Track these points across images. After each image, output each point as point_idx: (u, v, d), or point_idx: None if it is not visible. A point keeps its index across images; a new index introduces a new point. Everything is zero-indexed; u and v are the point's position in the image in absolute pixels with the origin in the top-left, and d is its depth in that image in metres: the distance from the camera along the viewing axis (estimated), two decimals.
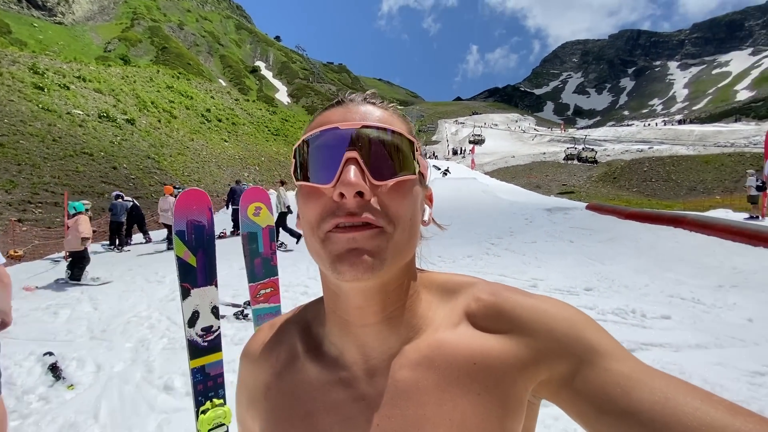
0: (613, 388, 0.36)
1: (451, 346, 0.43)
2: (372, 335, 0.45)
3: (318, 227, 0.40)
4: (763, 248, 7.13)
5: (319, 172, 0.41)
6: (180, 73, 40.27)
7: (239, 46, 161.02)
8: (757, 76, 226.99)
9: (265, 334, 0.54)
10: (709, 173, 41.92)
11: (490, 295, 0.45)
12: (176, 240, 1.16)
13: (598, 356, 0.38)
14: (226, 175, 22.44)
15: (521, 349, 0.41)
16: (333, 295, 0.45)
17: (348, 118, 0.42)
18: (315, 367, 0.47)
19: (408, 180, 0.41)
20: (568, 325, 0.41)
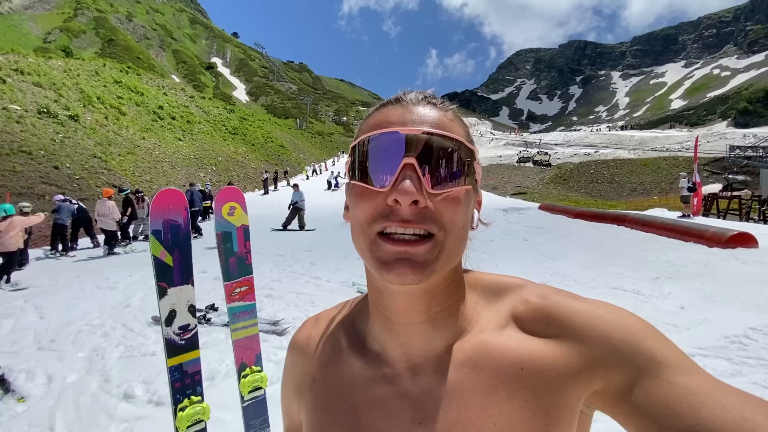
0: (678, 402, 0.33)
1: (497, 348, 0.42)
2: (415, 334, 0.45)
3: (369, 227, 0.40)
4: (693, 243, 7.92)
5: (375, 174, 0.40)
6: (129, 67, 37.86)
7: (194, 41, 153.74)
8: (689, 86, 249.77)
9: (310, 327, 0.56)
10: (648, 175, 45.59)
11: (539, 297, 0.44)
12: (152, 239, 1.17)
13: (661, 367, 0.36)
14: (181, 175, 21.41)
15: (573, 356, 0.39)
16: (377, 292, 0.46)
17: (407, 119, 0.41)
18: (359, 361, 0.48)
19: (464, 189, 0.41)
20: (625, 333, 0.38)
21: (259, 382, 1.43)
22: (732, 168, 28.48)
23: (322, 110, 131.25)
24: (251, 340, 1.45)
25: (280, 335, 3.96)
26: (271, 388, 2.99)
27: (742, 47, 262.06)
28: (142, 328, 4.21)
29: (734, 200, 18.65)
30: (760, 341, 3.51)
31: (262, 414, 1.45)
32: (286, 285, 5.90)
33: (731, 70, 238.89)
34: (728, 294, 4.91)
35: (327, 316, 0.56)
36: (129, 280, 6.33)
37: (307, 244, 9.45)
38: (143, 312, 4.69)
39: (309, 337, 0.54)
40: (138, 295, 5.41)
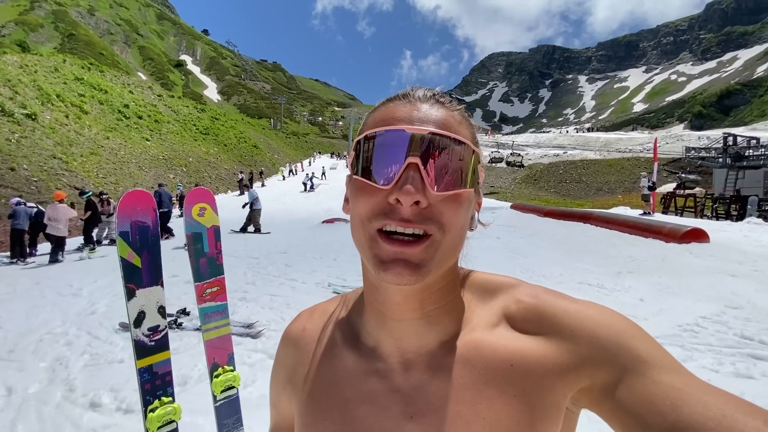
0: (661, 400, 0.34)
1: (489, 346, 0.43)
2: (409, 330, 0.45)
3: (369, 223, 0.40)
4: (653, 239, 8.38)
5: (378, 170, 0.40)
6: (91, 63, 36.13)
7: (161, 37, 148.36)
8: (649, 90, 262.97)
9: (305, 319, 0.56)
10: (613, 175, 47.70)
11: (531, 297, 0.45)
12: (120, 241, 1.17)
13: (646, 366, 0.37)
14: (149, 177, 20.66)
15: (562, 354, 0.40)
16: (372, 287, 0.46)
17: (414, 118, 0.41)
18: (352, 355, 0.48)
19: (466, 192, 0.42)
20: (613, 332, 0.39)
21: (231, 381, 1.44)
22: (687, 168, 30.23)
23: (297, 110, 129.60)
24: (223, 340, 1.46)
25: (255, 338, 3.92)
26: (246, 390, 3.00)
27: (696, 54, 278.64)
28: (109, 335, 4.07)
29: (690, 198, 19.82)
30: (709, 328, 3.78)
31: (235, 413, 1.46)
32: (260, 287, 5.83)
33: (687, 76, 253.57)
34: (682, 286, 5.24)
35: (322, 309, 0.56)
36: (94, 286, 6.07)
37: (282, 246, 9.35)
38: (109, 319, 4.52)
39: (304, 330, 0.55)
40: (104, 302, 5.21)
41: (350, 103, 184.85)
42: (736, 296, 4.68)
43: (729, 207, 17.86)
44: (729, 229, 10.08)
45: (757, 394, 2.68)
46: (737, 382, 2.85)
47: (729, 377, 2.93)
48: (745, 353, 3.26)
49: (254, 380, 3.11)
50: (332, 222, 12.90)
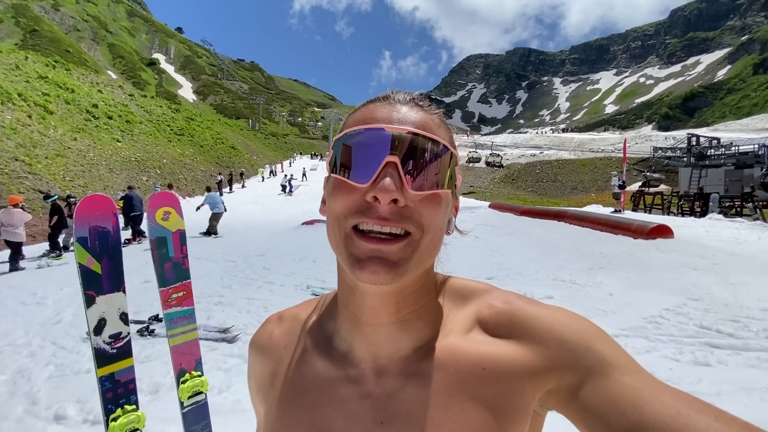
0: (623, 400, 0.35)
1: (462, 351, 0.43)
2: (384, 335, 0.45)
3: (345, 220, 0.40)
4: (622, 236, 8.70)
5: (356, 169, 0.40)
6: (56, 61, 34.56)
7: (132, 35, 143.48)
8: (620, 93, 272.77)
9: (273, 325, 0.55)
10: (587, 174, 49.25)
11: (503, 303, 0.45)
12: (78, 246, 1.14)
13: (609, 368, 0.38)
14: (121, 179, 19.94)
15: (532, 357, 0.41)
16: (348, 290, 0.46)
17: (394, 118, 0.41)
18: (323, 361, 0.48)
19: (444, 192, 0.42)
20: (580, 336, 0.40)
21: (199, 387, 1.42)
22: (653, 167, 31.53)
23: (276, 111, 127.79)
24: (190, 345, 1.44)
25: (231, 342, 3.86)
26: (221, 396, 2.95)
27: (663, 58, 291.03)
28: (75, 345, 3.91)
29: (657, 196, 20.69)
30: (672, 320, 3.97)
31: (203, 419, 1.44)
32: (237, 291, 5.73)
33: (654, 79, 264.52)
34: (648, 280, 5.48)
35: (291, 314, 0.55)
36: (59, 294, 5.82)
37: (260, 249, 9.21)
38: (76, 327, 4.35)
39: (271, 335, 0.54)
40: (70, 310, 5.00)
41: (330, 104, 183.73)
42: (696, 288, 4.93)
43: (693, 204, 18.75)
44: (692, 225, 10.59)
45: (714, 380, 2.84)
46: (696, 370, 3.01)
47: (689, 365, 3.09)
48: (703, 342, 3.44)
49: (229, 386, 3.06)
50: (312, 223, 12.81)
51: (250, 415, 2.15)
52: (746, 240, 8.40)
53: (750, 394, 2.65)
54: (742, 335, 3.53)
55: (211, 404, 1.56)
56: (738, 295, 4.61)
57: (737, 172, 21.14)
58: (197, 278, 6.30)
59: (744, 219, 12.10)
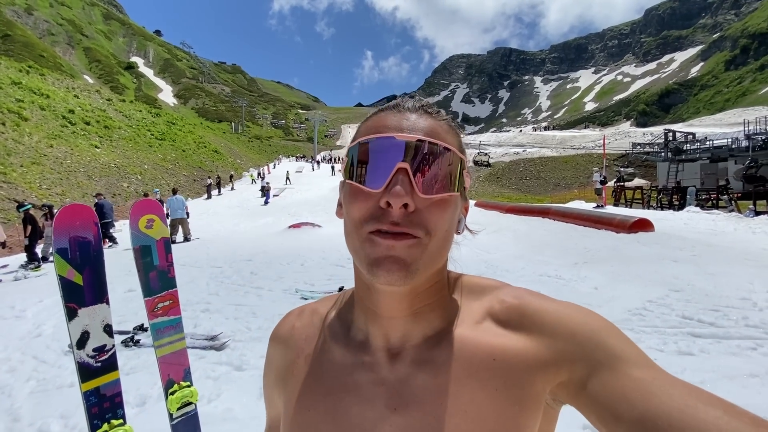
0: (632, 393, 0.36)
1: (472, 341, 0.45)
2: (398, 326, 0.47)
3: (361, 227, 0.42)
4: (605, 231, 8.90)
5: (369, 175, 0.43)
6: (30, 66, 33.44)
7: (109, 38, 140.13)
8: (598, 90, 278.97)
9: (293, 318, 0.58)
10: (569, 171, 50.16)
11: (514, 298, 0.47)
12: (57, 258, 1.11)
13: (619, 362, 0.39)
14: (100, 186, 19.40)
15: (542, 350, 0.42)
16: (365, 287, 0.48)
17: (404, 126, 0.44)
18: (340, 349, 0.50)
19: (451, 196, 0.44)
20: (590, 330, 0.41)
21: (188, 398, 1.39)
22: (627, 163, 32.33)
23: (259, 113, 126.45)
24: (178, 356, 1.41)
25: (219, 350, 3.79)
26: (210, 405, 2.90)
27: (639, 56, 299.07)
28: (57, 359, 3.79)
29: (637, 191, 21.22)
30: (655, 311, 4.07)
31: (193, 430, 1.41)
32: (224, 297, 5.64)
33: (631, 77, 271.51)
34: (632, 273, 5.61)
35: (311, 308, 0.58)
36: (39, 306, 5.63)
37: (247, 254, 9.09)
38: (57, 341, 4.21)
39: (293, 328, 0.56)
40: (50, 323, 4.84)
41: (314, 106, 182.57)
42: (677, 280, 5.07)
43: (671, 198, 19.29)
44: (671, 218, 10.90)
45: (697, 368, 2.92)
46: (680, 359, 3.09)
47: (673, 355, 3.18)
48: (686, 332, 3.54)
49: (219, 394, 3.01)
50: (299, 227, 12.70)
51: (241, 423, 2.12)
52: (723, 231, 8.69)
53: (732, 381, 2.74)
54: (722, 324, 3.65)
55: (201, 414, 1.53)
56: (717, 285, 4.76)
57: (712, 166, 21.87)
58: (182, 285, 6.15)
59: (720, 211, 12.51)
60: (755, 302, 4.12)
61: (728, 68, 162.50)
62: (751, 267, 5.45)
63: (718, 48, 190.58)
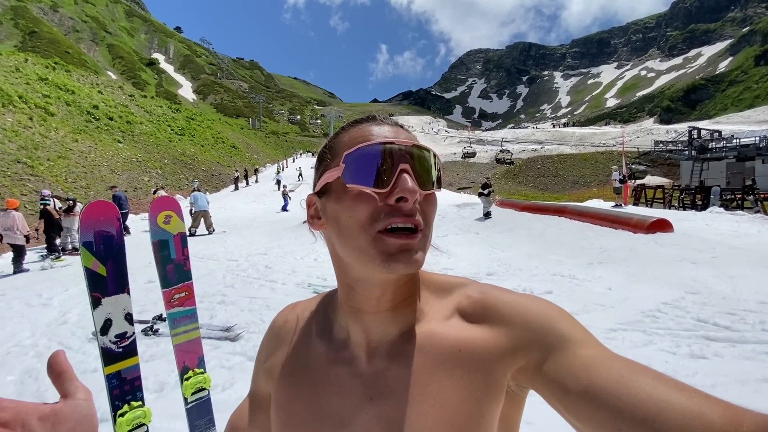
0: (578, 369, 0.41)
1: (441, 335, 0.49)
2: (377, 321, 0.52)
3: (370, 226, 0.46)
4: (622, 230, 8.72)
5: (372, 178, 0.46)
6: (56, 62, 34.58)
7: (131, 35, 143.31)
8: (621, 86, 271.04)
9: (288, 311, 0.65)
10: (588, 169, 49.05)
11: (479, 293, 0.51)
12: (83, 251, 1.19)
13: (568, 343, 0.43)
14: (122, 180, 20.02)
15: (501, 339, 0.46)
16: (348, 288, 0.52)
17: (391, 135, 0.49)
18: (324, 345, 0.56)
19: (437, 191, 0.51)
20: (543, 318, 0.46)
21: (202, 384, 1.46)
22: (656, 161, 31.35)
23: (276, 109, 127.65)
24: (193, 344, 1.49)
25: (234, 341, 3.92)
26: (224, 393, 3.01)
27: (664, 51, 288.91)
28: (82, 345, 3.98)
29: (659, 190, 20.63)
30: (669, 314, 4.00)
31: (206, 414, 1.49)
32: (239, 290, 5.79)
33: (656, 72, 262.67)
34: (648, 274, 5.51)
35: (304, 304, 0.64)
36: (65, 295, 5.90)
37: (262, 248, 9.28)
38: (82, 328, 4.42)
39: (286, 321, 0.63)
40: (76, 311, 5.07)
41: (330, 101, 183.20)
42: (695, 282, 4.96)
43: (694, 197, 18.70)
44: (693, 219, 10.59)
45: (709, 372, 2.88)
46: (692, 362, 3.05)
47: (685, 358, 3.13)
48: (700, 335, 3.48)
49: (232, 383, 3.12)
50: None
51: None
52: (746, 233, 8.41)
53: (744, 386, 2.69)
54: (738, 328, 3.57)
55: (215, 401, 1.61)
56: (736, 288, 4.64)
57: (739, 165, 21.06)
58: (200, 278, 6.36)
59: (745, 212, 12.09)
60: None
61: (758, 63, 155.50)
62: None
63: (747, 42, 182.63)
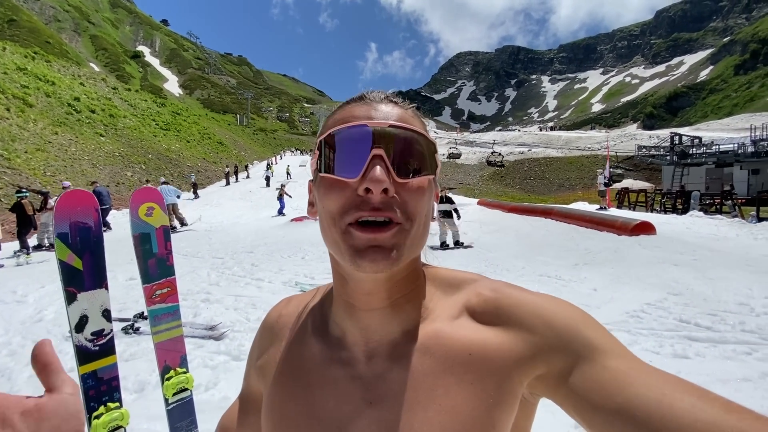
0: (609, 383, 0.36)
1: (449, 336, 0.44)
2: (375, 320, 0.47)
3: (340, 218, 0.42)
4: (607, 232, 8.88)
5: (344, 165, 0.42)
6: (36, 52, 33.49)
7: (116, 26, 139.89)
8: (606, 92, 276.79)
9: (282, 307, 0.60)
10: (573, 172, 49.94)
11: (490, 291, 0.46)
12: (58, 243, 1.12)
13: (596, 353, 0.39)
14: (104, 174, 19.50)
15: (518, 343, 0.42)
16: (342, 280, 0.48)
17: (373, 115, 0.44)
18: (319, 344, 0.51)
19: (426, 179, 0.44)
20: (566, 322, 0.41)
21: (184, 384, 1.40)
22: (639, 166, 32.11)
23: (265, 106, 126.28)
24: (175, 342, 1.42)
25: (218, 340, 3.83)
26: (208, 393, 2.94)
27: (648, 58, 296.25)
28: (58, 343, 3.83)
29: (642, 194, 21.12)
30: (652, 314, 4.08)
31: (189, 415, 1.43)
32: (225, 288, 5.68)
33: (640, 78, 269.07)
34: (631, 275, 5.61)
35: (299, 299, 0.59)
36: (41, 292, 5.69)
37: (248, 246, 9.14)
38: (58, 326, 4.26)
39: (280, 316, 0.58)
40: (52, 308, 4.90)
41: (319, 99, 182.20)
42: (677, 283, 5.07)
43: (675, 201, 19.19)
44: (674, 222, 10.86)
45: (692, 371, 2.93)
46: (674, 362, 3.10)
47: (668, 358, 3.18)
48: (682, 335, 3.54)
49: (216, 383, 3.04)
50: (301, 220, 12.73)
51: None
52: (725, 236, 8.66)
53: (725, 385, 2.75)
54: (719, 328, 3.65)
55: (198, 401, 1.55)
56: (716, 290, 4.75)
57: (717, 171, 21.72)
58: (184, 275, 6.22)
59: (723, 216, 12.45)
60: (753, 308, 4.11)
61: (737, 73, 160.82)
62: (751, 273, 5.43)
63: (728, 52, 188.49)
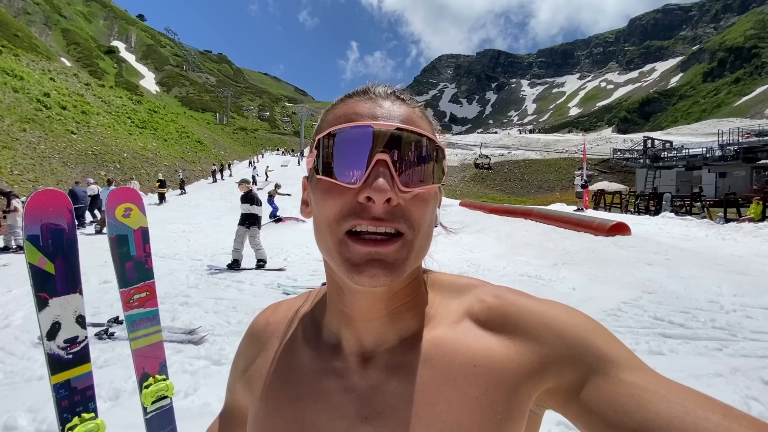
0: (627, 399, 0.34)
1: (450, 344, 0.42)
2: (372, 329, 0.44)
3: (337, 225, 0.39)
4: (584, 233, 9.10)
5: (344, 169, 0.39)
6: (3, 46, 31.94)
7: (89, 20, 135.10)
8: (583, 96, 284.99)
9: (269, 313, 0.56)
10: (552, 174, 51.16)
11: (494, 297, 0.44)
12: (28, 245, 1.07)
13: (610, 366, 0.36)
14: (76, 173, 18.76)
15: (526, 355, 0.39)
16: (337, 288, 0.45)
17: (378, 114, 0.40)
18: (310, 353, 0.47)
19: (433, 188, 0.41)
20: (577, 332, 0.39)
21: (164, 391, 1.36)
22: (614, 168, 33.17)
23: (245, 104, 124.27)
24: (154, 348, 1.38)
25: (197, 344, 3.73)
26: (187, 399, 2.85)
27: (622, 64, 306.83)
28: (27, 350, 3.66)
29: (617, 195, 21.82)
30: (629, 312, 4.21)
31: (168, 424, 1.38)
32: (204, 291, 5.54)
33: (614, 84, 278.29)
34: (608, 275, 5.77)
35: (288, 305, 0.55)
36: (8, 296, 5.42)
37: (228, 247, 8.95)
38: (27, 332, 4.06)
39: (267, 324, 0.54)
40: (20, 313, 4.67)
41: (301, 99, 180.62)
42: (651, 282, 5.25)
43: (648, 203, 19.91)
44: (647, 223, 11.24)
45: (666, 367, 3.03)
46: (650, 359, 3.20)
47: (644, 354, 3.28)
48: (657, 332, 3.67)
49: (196, 389, 2.96)
50: (283, 221, 12.57)
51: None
52: (695, 236, 9.02)
53: (698, 381, 2.85)
54: (691, 325, 3.80)
55: (177, 408, 1.50)
56: (687, 288, 4.94)
57: (687, 174, 22.66)
58: (161, 278, 6.03)
59: (693, 217, 12.99)
60: (722, 305, 4.30)
61: (705, 80, 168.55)
62: (720, 271, 5.67)
63: (696, 60, 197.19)
